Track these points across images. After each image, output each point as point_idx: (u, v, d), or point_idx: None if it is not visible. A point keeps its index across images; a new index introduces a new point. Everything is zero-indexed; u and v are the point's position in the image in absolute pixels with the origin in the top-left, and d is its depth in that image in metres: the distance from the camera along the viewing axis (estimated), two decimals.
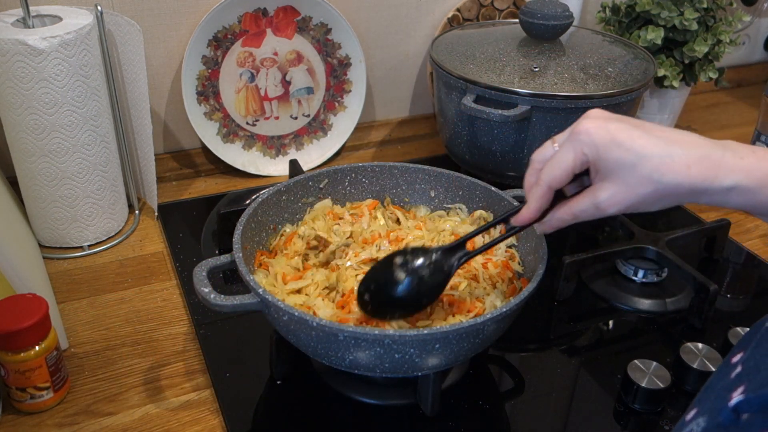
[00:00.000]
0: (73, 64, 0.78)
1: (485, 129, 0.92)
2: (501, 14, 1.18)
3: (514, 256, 0.73)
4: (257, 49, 1.02)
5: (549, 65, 0.92)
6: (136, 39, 0.84)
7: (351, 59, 1.08)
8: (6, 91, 0.77)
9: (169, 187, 1.04)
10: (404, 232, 0.75)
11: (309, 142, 1.11)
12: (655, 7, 1.06)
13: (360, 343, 0.57)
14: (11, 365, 0.62)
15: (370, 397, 0.68)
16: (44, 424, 0.65)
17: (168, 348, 0.74)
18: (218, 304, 0.59)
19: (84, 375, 0.70)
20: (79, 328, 0.76)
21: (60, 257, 0.87)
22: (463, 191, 0.79)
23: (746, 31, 1.47)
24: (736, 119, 1.36)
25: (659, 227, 0.98)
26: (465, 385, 0.70)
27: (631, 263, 0.85)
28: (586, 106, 0.87)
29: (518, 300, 0.60)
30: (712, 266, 0.91)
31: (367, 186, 0.81)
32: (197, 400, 0.68)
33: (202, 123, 1.03)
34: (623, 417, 0.67)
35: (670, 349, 0.75)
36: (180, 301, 0.81)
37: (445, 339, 0.57)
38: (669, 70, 1.09)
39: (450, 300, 0.65)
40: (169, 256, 0.88)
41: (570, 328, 0.79)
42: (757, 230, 0.99)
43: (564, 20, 0.95)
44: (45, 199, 0.84)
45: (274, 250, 0.73)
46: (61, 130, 0.80)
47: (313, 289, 0.67)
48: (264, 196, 0.73)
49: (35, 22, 0.80)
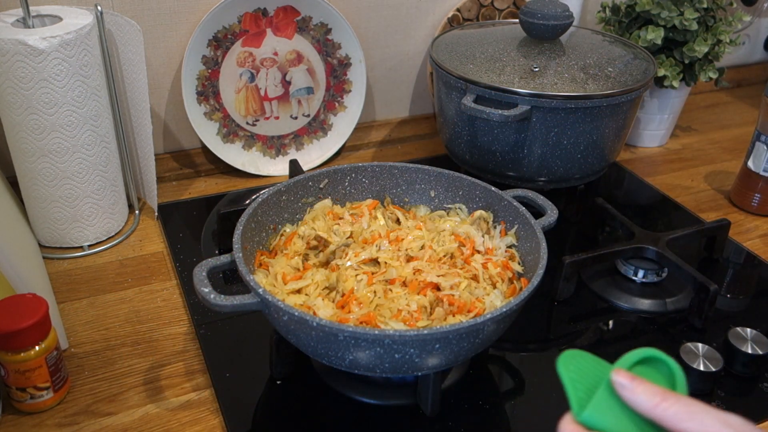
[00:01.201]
0: (73, 64, 0.78)
1: (485, 129, 0.92)
2: (501, 14, 1.18)
3: (514, 256, 0.73)
4: (257, 49, 1.02)
5: (549, 65, 0.92)
6: (136, 39, 0.84)
7: (351, 59, 1.08)
8: (6, 91, 0.77)
9: (169, 187, 1.04)
10: (404, 232, 0.75)
11: (309, 142, 1.11)
12: (655, 7, 1.06)
13: (360, 343, 0.57)
14: (11, 365, 0.62)
15: (370, 397, 0.68)
16: (44, 424, 0.65)
17: (168, 348, 0.74)
18: (218, 304, 0.59)
19: (84, 375, 0.70)
20: (79, 328, 0.76)
21: (60, 257, 0.87)
22: (463, 191, 0.79)
23: (746, 31, 1.47)
24: (736, 119, 1.36)
25: (659, 227, 0.98)
26: (465, 385, 0.70)
27: (631, 263, 0.85)
28: (586, 106, 0.87)
29: (518, 300, 0.60)
30: (712, 266, 0.91)
31: (367, 186, 0.81)
32: (197, 400, 0.68)
33: (202, 123, 1.03)
34: None
35: (670, 349, 0.74)
36: (180, 301, 0.81)
37: (445, 339, 0.57)
38: (669, 70, 1.09)
39: (450, 300, 0.65)
40: (169, 256, 0.88)
41: (570, 328, 0.79)
42: (757, 230, 0.99)
43: (564, 20, 0.95)
44: (45, 199, 0.84)
45: (274, 250, 0.73)
46: (61, 130, 0.80)
47: (313, 289, 0.67)
48: (264, 196, 0.73)
49: (35, 22, 0.80)
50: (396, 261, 0.70)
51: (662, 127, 1.21)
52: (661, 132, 1.21)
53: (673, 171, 1.15)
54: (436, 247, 0.73)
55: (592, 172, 0.97)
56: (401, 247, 0.72)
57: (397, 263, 0.70)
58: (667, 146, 1.24)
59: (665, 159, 1.19)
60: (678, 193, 1.08)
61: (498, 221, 0.76)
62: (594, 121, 0.90)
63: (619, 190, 1.09)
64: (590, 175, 0.97)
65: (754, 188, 1.02)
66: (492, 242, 0.74)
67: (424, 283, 0.67)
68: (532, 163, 0.93)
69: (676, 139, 1.26)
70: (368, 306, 0.64)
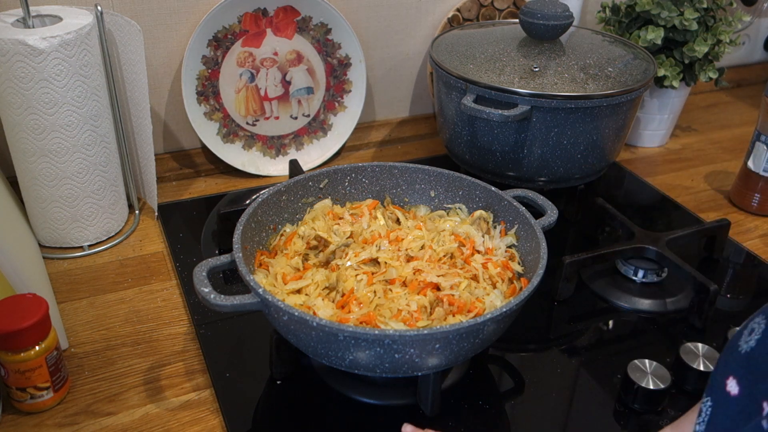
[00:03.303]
0: (73, 64, 0.78)
1: (485, 129, 0.92)
2: (501, 14, 1.18)
3: (514, 256, 0.73)
4: (257, 49, 1.02)
5: (549, 65, 0.92)
6: (136, 39, 0.84)
7: (351, 59, 1.08)
8: (6, 91, 0.77)
9: (169, 187, 1.04)
10: (404, 232, 0.75)
11: (309, 142, 1.11)
12: (655, 7, 1.06)
13: (360, 343, 0.57)
14: (11, 365, 0.62)
15: (370, 397, 0.68)
16: (44, 424, 0.65)
17: (168, 348, 0.74)
18: (218, 304, 0.59)
19: (84, 375, 0.70)
20: (79, 328, 0.76)
21: (60, 257, 0.87)
22: (463, 191, 0.80)
23: (746, 31, 1.47)
24: (736, 119, 1.36)
25: (659, 227, 0.98)
26: (465, 385, 0.70)
27: (631, 263, 0.85)
28: (586, 106, 0.87)
29: (518, 300, 0.60)
30: (712, 266, 0.91)
31: (367, 186, 0.81)
32: (197, 400, 0.68)
33: (202, 123, 1.03)
34: (623, 417, 0.67)
35: (670, 349, 0.75)
36: (180, 301, 0.81)
37: (445, 339, 0.57)
38: (669, 70, 1.09)
39: (450, 300, 0.65)
40: (169, 256, 0.88)
41: (570, 328, 0.79)
42: (757, 230, 0.99)
43: (564, 20, 0.95)
44: (45, 199, 0.84)
45: (274, 250, 0.73)
46: (61, 130, 0.80)
47: (313, 289, 0.67)
48: (264, 196, 0.73)
49: (35, 22, 0.80)
50: (396, 261, 0.70)
51: (662, 127, 1.21)
52: (661, 132, 1.21)
53: (673, 171, 1.15)
54: (436, 247, 0.73)
55: (592, 172, 0.97)
56: (401, 247, 0.72)
57: (397, 263, 0.70)
58: (667, 146, 1.24)
59: (665, 159, 1.19)
60: (678, 193, 1.08)
61: (498, 221, 0.76)
62: (594, 121, 0.90)
63: (619, 190, 1.09)
64: (590, 175, 0.97)
65: (754, 188, 1.02)
66: (492, 242, 0.74)
67: (424, 283, 0.67)
68: (532, 163, 0.93)
69: (676, 139, 1.26)
70: (368, 306, 0.64)
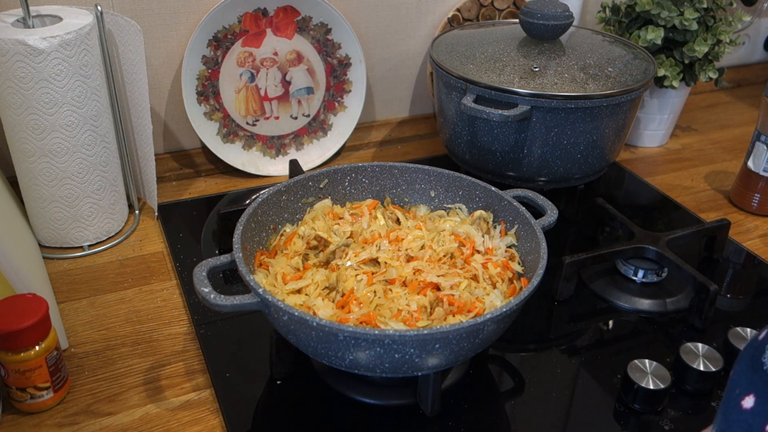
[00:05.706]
0: (73, 64, 0.78)
1: (485, 129, 0.92)
2: (501, 14, 1.18)
3: (514, 256, 0.73)
4: (257, 49, 1.02)
5: (549, 65, 0.92)
6: (136, 39, 0.84)
7: (351, 59, 1.08)
8: (6, 91, 0.77)
9: (169, 187, 1.04)
10: (404, 232, 0.75)
11: (309, 142, 1.11)
12: (655, 7, 1.06)
13: (360, 343, 0.57)
14: (11, 365, 0.62)
15: (370, 397, 0.68)
16: (44, 424, 0.65)
17: (168, 348, 0.74)
18: (218, 304, 0.59)
19: (84, 375, 0.70)
20: (79, 328, 0.76)
21: (60, 257, 0.87)
22: (463, 191, 0.80)
23: (746, 31, 1.47)
24: (736, 119, 1.36)
25: (659, 227, 0.98)
26: (465, 385, 0.70)
27: (631, 263, 0.85)
28: (586, 106, 0.87)
29: (518, 300, 0.60)
30: (712, 266, 0.91)
31: (367, 186, 0.81)
32: (197, 400, 0.68)
33: (202, 123, 1.03)
34: (623, 417, 0.67)
35: (670, 349, 0.75)
36: (180, 301, 0.81)
37: (445, 339, 0.57)
38: (669, 70, 1.09)
39: (450, 300, 0.65)
40: (169, 256, 0.88)
41: (570, 328, 0.79)
42: (757, 230, 0.99)
43: (564, 20, 0.95)
44: (45, 199, 0.84)
45: (274, 250, 0.73)
46: (61, 130, 0.80)
47: (313, 289, 0.67)
48: (264, 196, 0.73)
49: (35, 22, 0.80)
50: (396, 261, 0.70)
51: (662, 127, 1.21)
52: (661, 132, 1.21)
53: (673, 171, 1.15)
54: (436, 247, 0.73)
55: (592, 172, 0.97)
56: (401, 247, 0.72)
57: (397, 263, 0.70)
58: (667, 146, 1.24)
59: (665, 159, 1.19)
60: (678, 193, 1.08)
61: (498, 221, 0.76)
62: (594, 121, 0.90)
63: (619, 190, 1.09)
64: (590, 175, 0.97)
65: (754, 188, 1.02)
66: (492, 242, 0.74)
67: (424, 283, 0.67)
68: (532, 163, 0.93)
69: (676, 139, 1.26)
70: (368, 306, 0.64)
